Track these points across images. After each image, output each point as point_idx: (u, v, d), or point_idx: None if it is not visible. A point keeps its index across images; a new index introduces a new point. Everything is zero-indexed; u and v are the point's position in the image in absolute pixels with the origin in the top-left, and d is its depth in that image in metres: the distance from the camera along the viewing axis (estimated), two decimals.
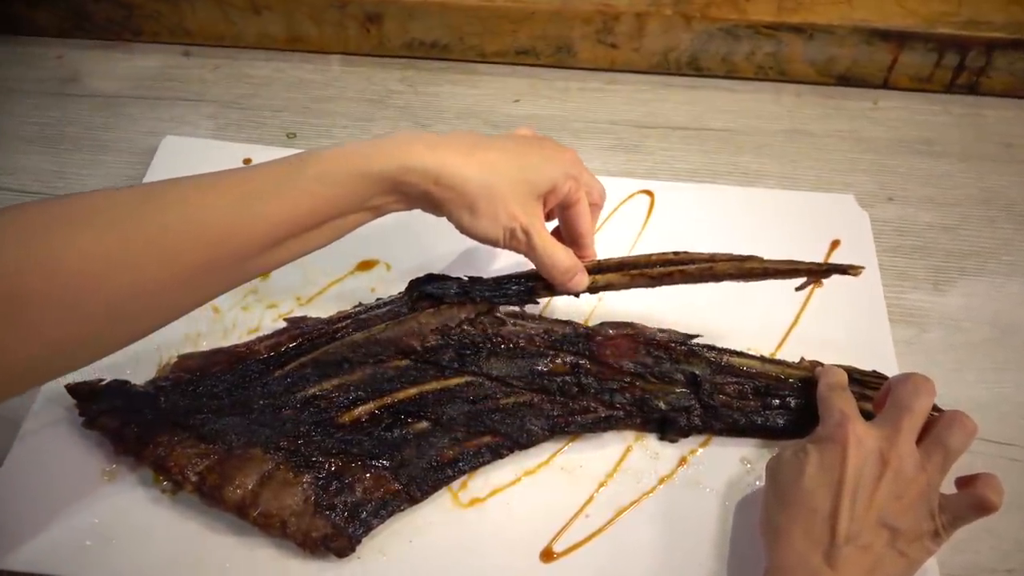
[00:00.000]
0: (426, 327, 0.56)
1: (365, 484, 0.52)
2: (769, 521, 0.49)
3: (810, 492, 0.47)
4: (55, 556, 0.50)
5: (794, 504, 0.47)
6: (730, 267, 0.56)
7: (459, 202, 0.50)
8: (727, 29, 0.75)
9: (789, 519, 0.47)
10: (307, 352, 0.56)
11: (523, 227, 0.52)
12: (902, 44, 0.75)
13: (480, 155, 0.50)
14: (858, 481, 0.46)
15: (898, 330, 0.61)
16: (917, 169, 0.73)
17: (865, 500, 0.46)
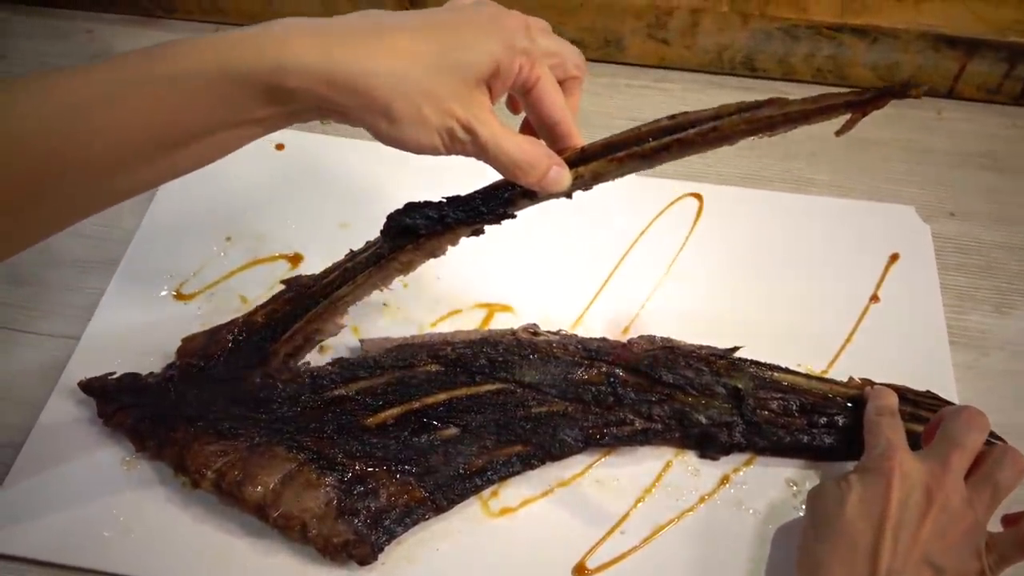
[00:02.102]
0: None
1: (390, 490, 0.50)
2: (808, 553, 0.46)
3: (851, 524, 0.44)
4: (73, 546, 0.49)
5: (834, 536, 0.44)
6: (741, 122, 0.44)
7: (368, 107, 0.39)
8: (786, 29, 0.72)
9: (828, 552, 0.44)
10: (300, 316, 0.53)
11: (463, 124, 0.41)
12: (971, 52, 0.71)
13: (387, 40, 0.39)
14: (902, 516, 0.43)
15: (957, 353, 0.58)
16: (981, 184, 0.69)
17: (909, 537, 0.43)
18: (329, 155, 0.68)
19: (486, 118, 0.42)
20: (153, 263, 0.61)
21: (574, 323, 0.59)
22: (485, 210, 0.48)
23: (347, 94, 0.39)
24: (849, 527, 0.44)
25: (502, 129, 0.42)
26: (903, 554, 0.42)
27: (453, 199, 0.49)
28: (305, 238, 0.63)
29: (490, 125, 0.42)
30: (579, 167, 0.45)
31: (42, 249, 0.62)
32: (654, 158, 0.46)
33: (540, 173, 0.44)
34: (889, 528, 0.43)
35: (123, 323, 0.58)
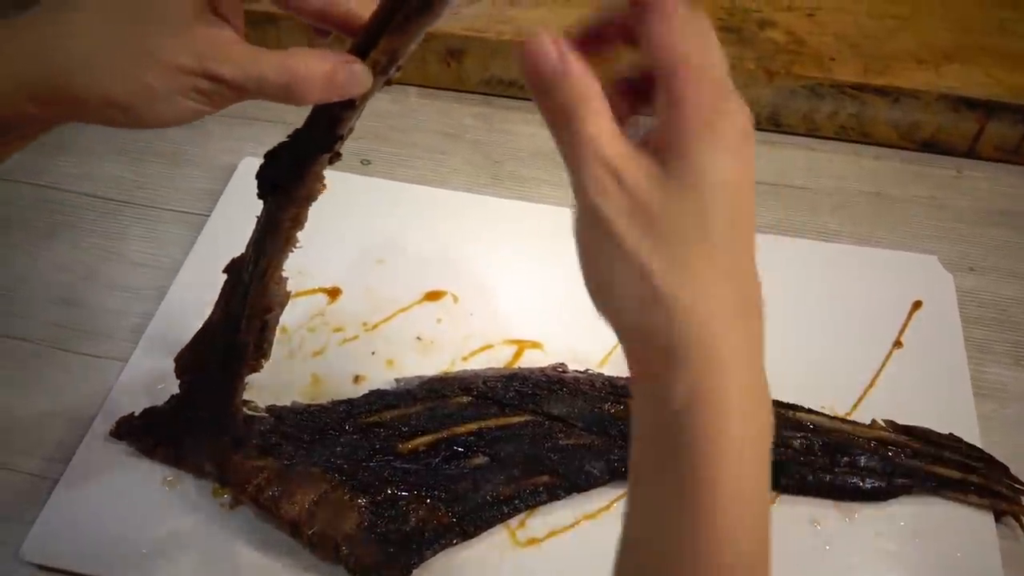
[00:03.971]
0: None
1: (419, 514, 0.51)
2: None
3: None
4: (112, 560, 0.50)
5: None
6: None
7: (87, 109, 0.34)
8: (811, 87, 0.74)
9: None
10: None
11: (202, 74, 0.34)
12: (989, 114, 0.74)
13: (65, 27, 0.33)
14: None
15: (976, 404, 0.59)
16: (1000, 241, 0.71)
17: None
18: (368, 194, 0.71)
19: (224, 52, 0.35)
20: (198, 292, 0.63)
21: (602, 360, 0.61)
22: (316, 137, 0.42)
23: (56, 106, 0.34)
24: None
25: (251, 55, 0.35)
26: None
27: (289, 138, 0.43)
28: (344, 273, 0.65)
29: (233, 59, 0.35)
30: (372, 54, 0.38)
31: (93, 275, 0.66)
32: (430, 9, 0.36)
33: (320, 83, 0.36)
34: None
35: (169, 348, 0.59)
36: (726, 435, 0.30)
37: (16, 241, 0.68)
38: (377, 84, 0.39)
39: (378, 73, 0.38)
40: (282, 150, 0.44)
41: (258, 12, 0.79)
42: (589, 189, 0.30)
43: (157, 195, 0.72)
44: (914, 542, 0.52)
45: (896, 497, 0.53)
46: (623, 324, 0.32)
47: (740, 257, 0.31)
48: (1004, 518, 0.54)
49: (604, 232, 0.30)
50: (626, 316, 0.31)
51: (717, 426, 0.30)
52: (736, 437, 0.30)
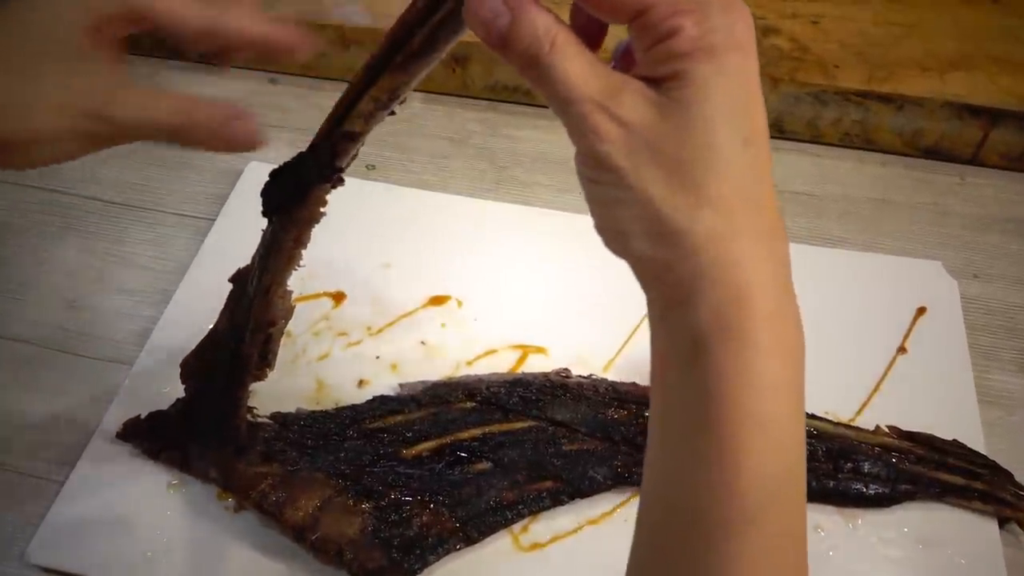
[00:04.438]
0: None
1: (423, 519, 0.51)
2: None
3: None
4: (117, 563, 0.50)
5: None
6: None
7: None
8: (815, 94, 0.75)
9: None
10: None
11: (94, 115, 0.33)
12: (993, 121, 0.74)
13: None
14: None
15: (981, 411, 0.59)
16: (1005, 248, 0.71)
17: None
18: (372, 199, 0.71)
19: (115, 94, 0.33)
20: (204, 295, 0.63)
21: (606, 366, 0.61)
22: (318, 164, 0.43)
23: None
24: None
25: (144, 98, 0.34)
26: None
27: (293, 160, 0.44)
28: (348, 278, 0.66)
29: (125, 101, 0.34)
30: (372, 91, 0.38)
31: (99, 278, 0.66)
32: (433, 50, 0.36)
33: (210, 132, 0.36)
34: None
35: (173, 351, 0.60)
36: (750, 363, 0.29)
37: (23, 244, 0.68)
38: (378, 118, 0.40)
39: (378, 108, 0.39)
40: (285, 171, 0.44)
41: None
42: (581, 133, 0.29)
43: (163, 199, 0.72)
44: (918, 548, 0.52)
45: (900, 503, 0.53)
46: (639, 262, 0.31)
47: (758, 179, 0.29)
48: (1008, 524, 0.53)
49: (606, 173, 0.29)
50: (641, 254, 0.30)
51: (742, 354, 0.29)
52: (761, 364, 0.29)
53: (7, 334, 0.62)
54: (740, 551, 0.29)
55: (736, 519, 0.29)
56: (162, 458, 0.54)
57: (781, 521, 0.30)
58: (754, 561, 0.29)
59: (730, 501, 0.29)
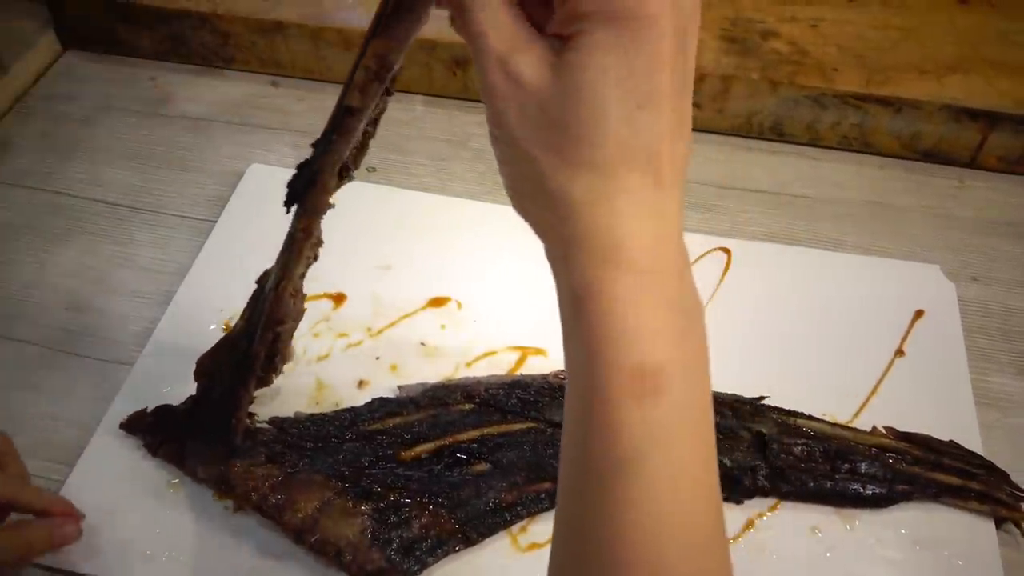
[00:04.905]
0: None
1: (422, 521, 0.51)
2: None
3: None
4: (117, 562, 0.51)
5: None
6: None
7: None
8: (814, 97, 0.75)
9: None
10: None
11: None
12: (991, 124, 0.74)
13: None
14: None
15: (979, 413, 0.59)
16: (1004, 251, 0.71)
17: None
18: (373, 201, 0.71)
19: None
20: (205, 297, 0.64)
21: None
22: (323, 143, 0.44)
23: None
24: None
25: None
26: None
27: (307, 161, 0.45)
28: (349, 279, 0.66)
29: None
30: (362, 60, 0.38)
31: (101, 280, 0.66)
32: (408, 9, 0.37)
33: (43, 544, 0.48)
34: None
35: (174, 352, 0.60)
36: (619, 318, 0.30)
37: (26, 246, 0.69)
38: (373, 90, 0.39)
39: (370, 79, 0.39)
40: (305, 162, 0.45)
41: (267, 21, 0.80)
42: (482, 85, 0.30)
43: (165, 201, 0.73)
44: (915, 549, 0.52)
45: (897, 503, 0.54)
46: (530, 221, 0.32)
47: (653, 140, 0.29)
48: (1005, 524, 0.54)
49: (500, 129, 0.30)
50: (527, 214, 0.32)
51: (612, 310, 0.29)
52: (632, 318, 0.30)
53: (10, 335, 0.62)
54: (625, 488, 0.30)
55: (620, 459, 0.30)
56: (161, 452, 0.54)
57: (667, 463, 0.30)
58: (636, 499, 0.30)
59: (612, 446, 0.30)
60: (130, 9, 0.82)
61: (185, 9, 0.81)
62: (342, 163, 0.45)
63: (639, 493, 0.30)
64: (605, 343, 0.30)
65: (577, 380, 0.32)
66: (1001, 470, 0.55)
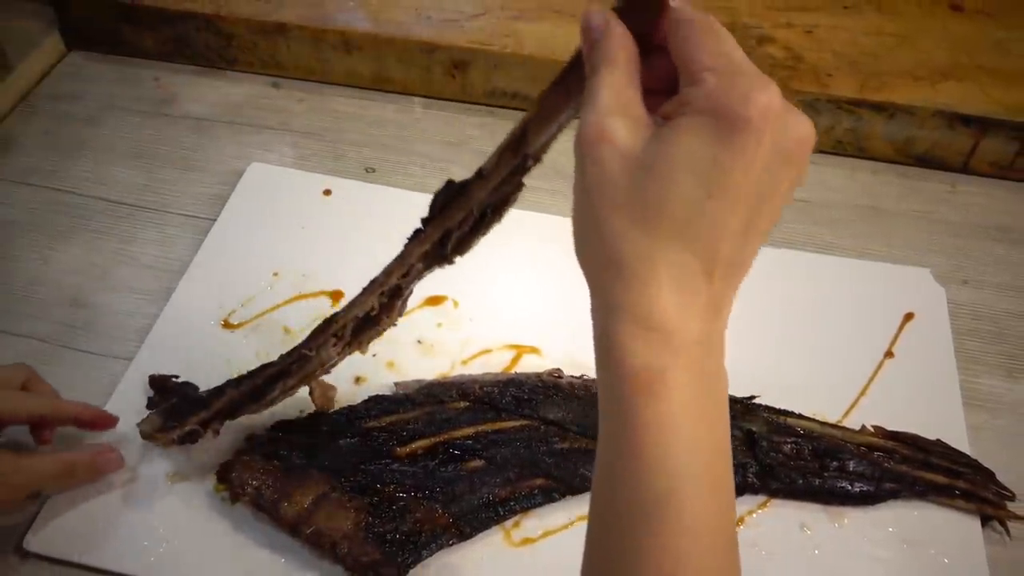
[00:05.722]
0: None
1: (417, 516, 0.52)
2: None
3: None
4: (114, 552, 0.51)
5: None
6: None
7: None
8: (808, 102, 0.76)
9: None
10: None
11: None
12: (984, 130, 0.75)
13: None
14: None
15: (968, 415, 0.60)
16: (994, 255, 0.72)
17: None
18: (372, 201, 0.72)
19: (13, 467, 0.48)
20: (204, 294, 0.65)
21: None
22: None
23: None
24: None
25: (22, 460, 0.49)
26: None
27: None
28: (346, 276, 0.66)
29: (6, 472, 0.48)
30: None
31: (102, 276, 0.67)
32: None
33: (86, 469, 0.52)
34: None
35: (173, 347, 0.61)
36: (641, 381, 0.31)
37: (30, 243, 0.70)
38: (503, 161, 0.43)
39: (505, 147, 0.42)
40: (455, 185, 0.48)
41: (269, 22, 0.81)
42: (578, 135, 0.32)
43: (168, 200, 0.74)
44: (902, 546, 0.53)
45: (884, 501, 0.54)
46: (584, 266, 0.34)
47: (710, 227, 0.31)
48: (990, 523, 0.54)
49: (582, 178, 0.32)
50: (586, 261, 0.33)
51: (647, 387, 0.31)
52: (653, 385, 0.31)
53: (14, 330, 0.63)
54: (650, 534, 0.31)
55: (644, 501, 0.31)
56: (160, 410, 0.55)
57: (686, 510, 0.32)
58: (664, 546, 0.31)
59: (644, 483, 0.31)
60: (134, 10, 0.83)
61: (188, 11, 0.82)
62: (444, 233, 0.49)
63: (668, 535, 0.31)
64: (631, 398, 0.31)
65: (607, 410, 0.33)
66: (987, 469, 0.55)
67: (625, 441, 0.32)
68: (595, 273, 0.33)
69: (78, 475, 0.52)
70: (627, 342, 0.31)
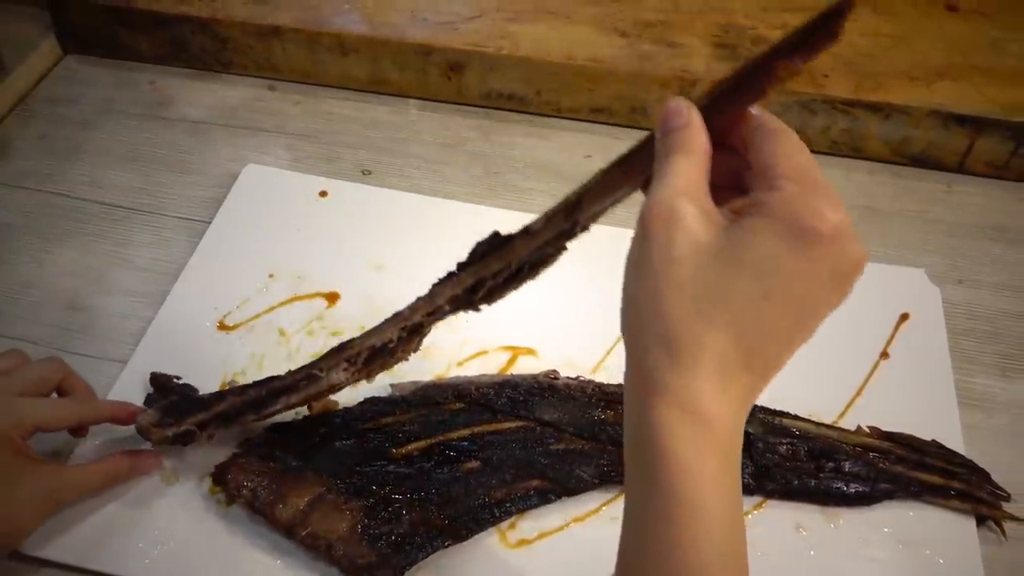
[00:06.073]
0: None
1: (412, 517, 0.52)
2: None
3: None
4: (110, 554, 0.51)
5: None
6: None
7: None
8: (803, 103, 0.76)
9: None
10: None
11: (55, 502, 0.49)
12: (979, 130, 0.75)
13: None
14: None
15: (963, 414, 0.60)
16: (990, 254, 0.72)
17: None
18: (368, 203, 0.72)
19: (57, 479, 0.49)
20: (199, 295, 0.65)
21: (594, 368, 0.62)
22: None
23: None
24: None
25: (76, 471, 0.51)
26: None
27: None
28: (342, 278, 0.67)
29: (70, 482, 0.50)
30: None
31: (98, 279, 0.67)
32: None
33: (126, 474, 0.53)
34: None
35: (168, 349, 0.61)
36: (690, 476, 0.32)
37: (26, 246, 0.70)
38: (552, 223, 0.43)
39: (557, 211, 0.43)
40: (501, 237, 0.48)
41: (264, 25, 0.81)
42: (651, 208, 0.33)
43: (164, 202, 0.74)
44: (898, 547, 0.53)
45: (880, 502, 0.54)
46: (631, 339, 0.34)
47: (758, 325, 0.32)
48: (985, 523, 0.55)
49: (645, 254, 0.33)
50: (633, 333, 0.34)
51: (686, 471, 0.32)
52: (697, 474, 0.32)
53: (9, 333, 0.63)
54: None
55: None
56: (160, 406, 0.54)
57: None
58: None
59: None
60: (130, 14, 0.83)
61: (184, 14, 0.82)
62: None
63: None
64: (683, 495, 0.33)
65: (643, 503, 0.34)
66: (982, 469, 0.55)
67: (658, 512, 0.33)
68: (643, 346, 0.33)
69: (119, 482, 0.53)
70: (672, 427, 0.32)
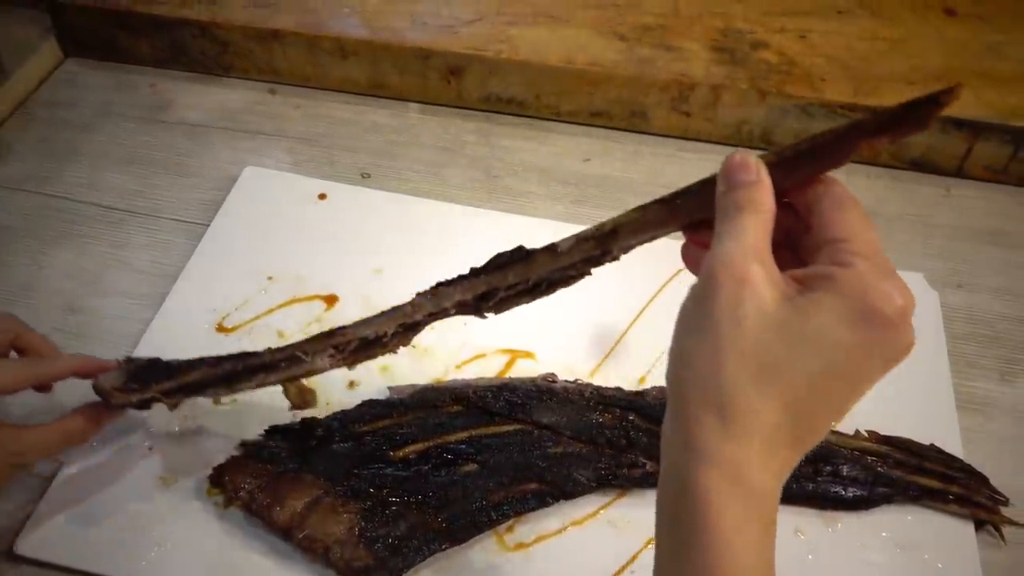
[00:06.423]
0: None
1: (410, 520, 0.52)
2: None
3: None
4: (105, 556, 0.51)
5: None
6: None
7: None
8: (802, 107, 0.76)
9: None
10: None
11: (13, 464, 0.49)
12: (977, 134, 0.75)
13: None
14: None
15: (962, 418, 0.60)
16: (989, 258, 0.72)
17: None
18: (367, 206, 0.72)
19: (4, 447, 0.48)
20: (198, 298, 0.65)
21: (592, 371, 0.62)
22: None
23: None
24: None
25: (28, 435, 0.49)
26: None
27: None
28: (341, 281, 0.67)
29: (18, 451, 0.48)
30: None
31: (96, 281, 0.67)
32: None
33: (86, 432, 0.52)
34: None
35: (166, 352, 0.60)
36: (720, 531, 0.32)
37: (24, 248, 0.70)
38: (581, 247, 0.43)
39: (587, 236, 0.42)
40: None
41: (265, 29, 0.81)
42: (723, 266, 0.33)
43: (163, 205, 0.74)
44: (896, 551, 0.53)
45: (878, 506, 0.54)
46: (681, 395, 0.34)
47: (816, 405, 0.32)
48: (984, 527, 0.54)
49: (709, 313, 0.33)
50: (687, 397, 0.33)
51: (729, 543, 0.32)
52: (729, 531, 0.32)
53: None
54: None
55: None
56: (125, 370, 0.53)
57: None
58: None
59: None
60: (130, 17, 0.83)
61: (184, 17, 0.82)
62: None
63: None
64: (715, 547, 0.32)
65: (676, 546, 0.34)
66: (980, 474, 0.55)
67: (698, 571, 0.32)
68: (694, 404, 0.33)
69: (80, 440, 0.52)
70: (720, 498, 0.32)
